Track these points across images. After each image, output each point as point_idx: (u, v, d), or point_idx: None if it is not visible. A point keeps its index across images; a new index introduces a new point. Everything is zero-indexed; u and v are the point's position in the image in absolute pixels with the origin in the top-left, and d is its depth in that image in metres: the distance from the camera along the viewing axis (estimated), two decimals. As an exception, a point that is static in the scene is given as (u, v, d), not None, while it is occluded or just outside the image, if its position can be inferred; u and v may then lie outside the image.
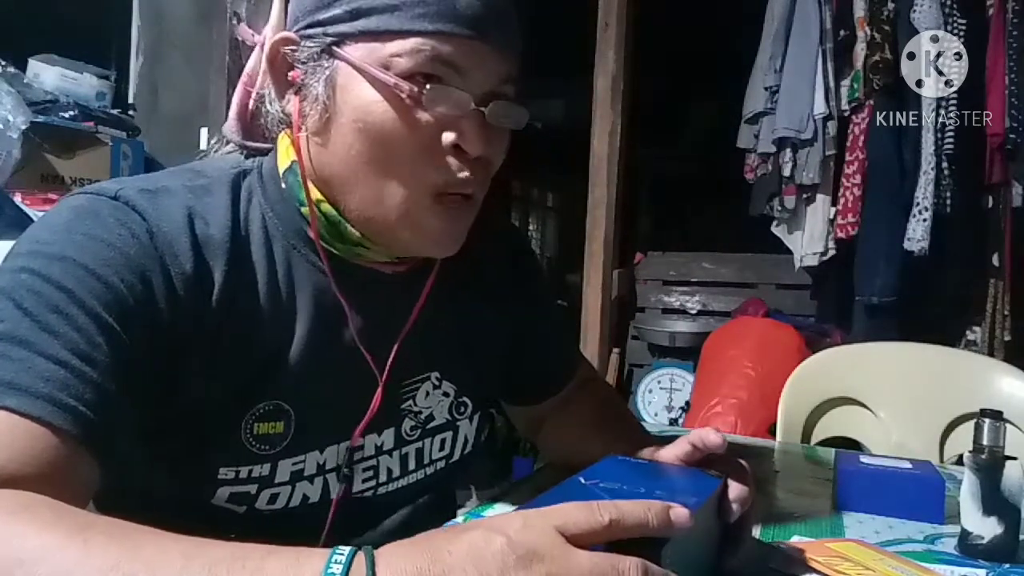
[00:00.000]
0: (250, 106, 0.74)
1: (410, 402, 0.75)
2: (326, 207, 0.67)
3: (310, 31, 0.64)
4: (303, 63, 0.64)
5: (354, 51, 0.62)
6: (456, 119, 0.63)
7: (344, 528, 0.70)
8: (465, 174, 0.65)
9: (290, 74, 0.66)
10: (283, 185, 0.68)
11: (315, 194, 0.67)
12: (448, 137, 0.64)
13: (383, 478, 0.74)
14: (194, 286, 0.61)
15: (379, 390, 0.71)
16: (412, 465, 0.76)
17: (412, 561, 0.42)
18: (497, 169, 0.70)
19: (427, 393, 0.76)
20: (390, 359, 0.72)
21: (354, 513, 0.71)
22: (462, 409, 0.80)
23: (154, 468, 0.63)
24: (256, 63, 0.74)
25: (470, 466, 0.83)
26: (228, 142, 0.76)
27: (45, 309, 0.54)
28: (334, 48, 0.63)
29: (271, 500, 0.67)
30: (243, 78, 0.75)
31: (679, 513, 0.47)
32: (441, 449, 0.78)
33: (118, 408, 0.55)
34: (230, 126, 0.75)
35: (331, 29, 0.63)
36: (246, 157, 0.74)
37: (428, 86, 0.61)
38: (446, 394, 0.78)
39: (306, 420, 0.67)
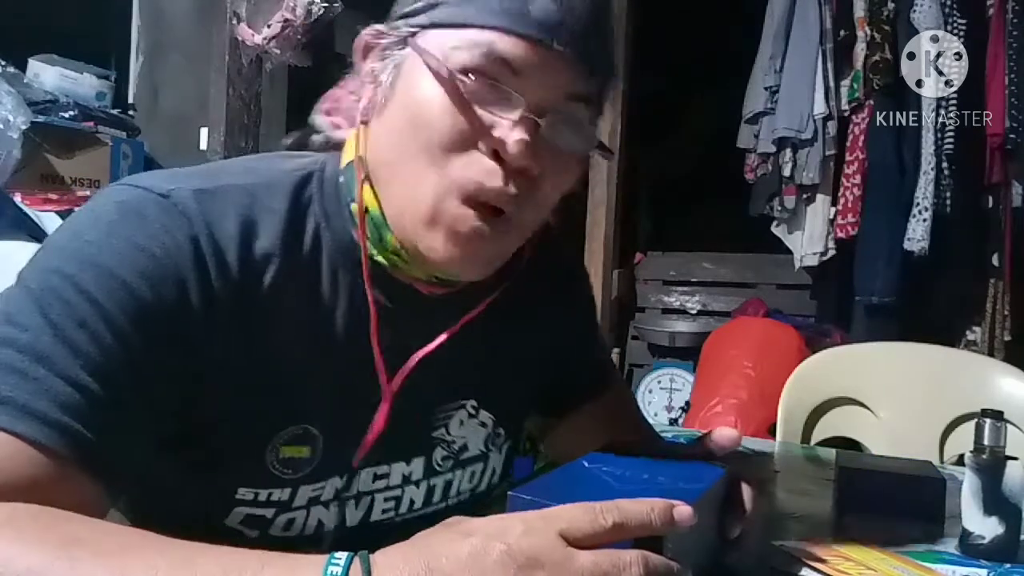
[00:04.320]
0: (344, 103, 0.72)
1: (442, 430, 0.71)
2: (374, 206, 0.63)
3: (396, 23, 0.63)
4: (382, 52, 0.64)
5: (425, 41, 0.60)
6: (505, 124, 0.58)
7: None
8: (497, 182, 0.58)
9: (370, 64, 0.64)
10: (340, 179, 0.65)
11: (367, 191, 0.63)
12: (490, 140, 0.58)
13: (403, 509, 0.70)
14: (236, 297, 0.58)
15: (386, 405, 0.66)
16: (438, 496, 0.72)
17: (408, 567, 0.42)
18: (553, 200, 0.64)
19: (461, 422, 0.72)
20: (401, 375, 0.66)
21: (366, 536, 0.69)
22: (497, 440, 0.76)
23: (172, 482, 0.61)
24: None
25: (493, 496, 0.78)
26: (314, 133, 0.73)
27: (71, 321, 0.52)
28: (408, 39, 0.62)
29: (286, 526, 0.64)
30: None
31: (682, 511, 0.46)
32: (470, 481, 0.75)
33: (135, 429, 0.54)
34: (323, 117, 0.73)
35: (412, 20, 0.62)
36: (321, 149, 0.71)
37: (473, 77, 0.58)
38: (483, 424, 0.74)
39: (332, 445, 0.64)
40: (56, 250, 0.56)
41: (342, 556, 0.43)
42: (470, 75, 0.58)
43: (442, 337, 0.67)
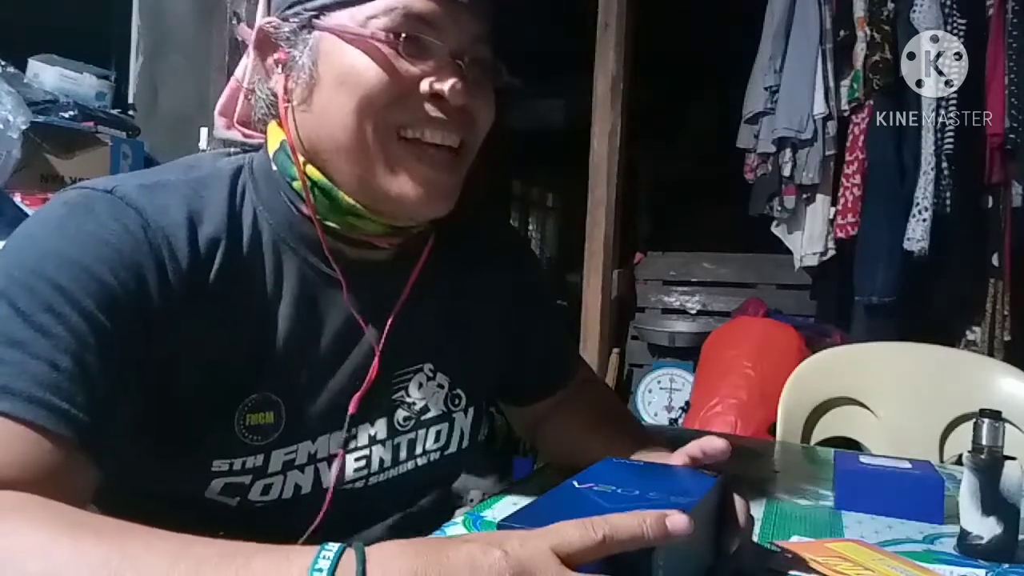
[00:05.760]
0: (239, 104, 0.76)
1: (402, 392, 0.76)
2: (317, 176, 0.68)
3: (291, 11, 0.67)
4: (286, 40, 0.68)
5: (333, 20, 0.66)
6: (434, 70, 0.66)
7: (337, 521, 0.70)
8: (443, 117, 0.67)
9: (275, 55, 0.69)
10: (273, 167, 0.70)
11: (303, 161, 0.68)
12: (426, 84, 0.66)
13: (375, 467, 0.74)
14: (189, 281, 0.62)
15: (375, 361, 0.72)
16: (404, 455, 0.76)
17: (407, 561, 0.42)
18: (485, 130, 0.72)
19: (420, 384, 0.77)
20: (386, 330, 0.73)
21: (345, 505, 0.71)
22: (456, 401, 0.80)
23: (148, 462, 0.64)
24: (244, 68, 0.76)
25: (467, 462, 0.83)
26: (223, 141, 0.76)
27: (38, 308, 0.54)
28: (314, 21, 0.66)
29: (264, 491, 0.67)
30: (231, 83, 0.77)
31: (676, 521, 0.46)
32: (436, 440, 0.79)
33: (112, 407, 0.56)
34: (221, 125, 0.76)
35: (310, 4, 0.66)
36: (243, 151, 0.75)
37: (395, 37, 0.64)
38: (440, 386, 0.78)
39: (297, 410, 0.68)
40: (13, 252, 0.58)
41: (333, 547, 0.44)
42: (393, 36, 0.64)
43: (411, 280, 0.75)
